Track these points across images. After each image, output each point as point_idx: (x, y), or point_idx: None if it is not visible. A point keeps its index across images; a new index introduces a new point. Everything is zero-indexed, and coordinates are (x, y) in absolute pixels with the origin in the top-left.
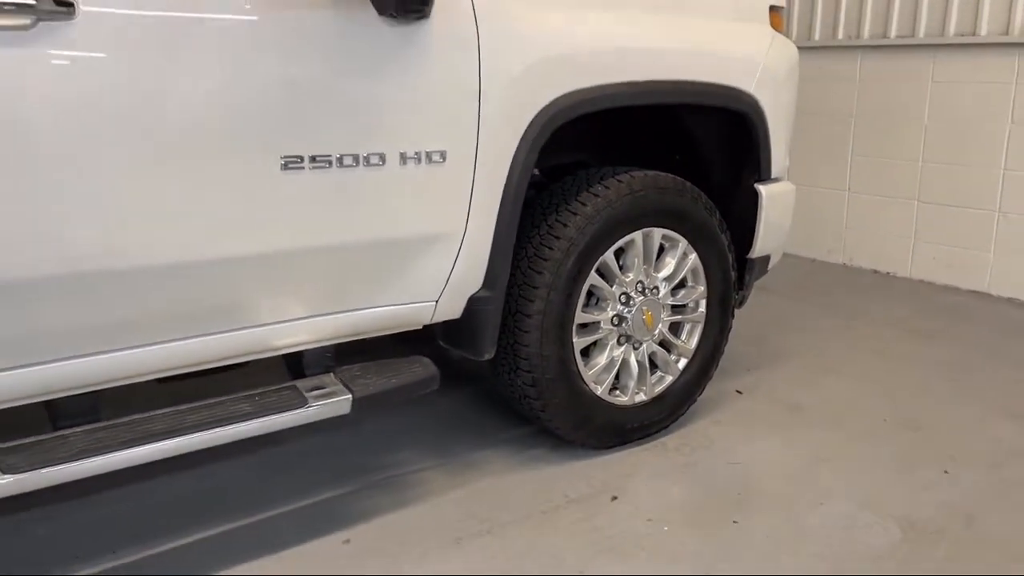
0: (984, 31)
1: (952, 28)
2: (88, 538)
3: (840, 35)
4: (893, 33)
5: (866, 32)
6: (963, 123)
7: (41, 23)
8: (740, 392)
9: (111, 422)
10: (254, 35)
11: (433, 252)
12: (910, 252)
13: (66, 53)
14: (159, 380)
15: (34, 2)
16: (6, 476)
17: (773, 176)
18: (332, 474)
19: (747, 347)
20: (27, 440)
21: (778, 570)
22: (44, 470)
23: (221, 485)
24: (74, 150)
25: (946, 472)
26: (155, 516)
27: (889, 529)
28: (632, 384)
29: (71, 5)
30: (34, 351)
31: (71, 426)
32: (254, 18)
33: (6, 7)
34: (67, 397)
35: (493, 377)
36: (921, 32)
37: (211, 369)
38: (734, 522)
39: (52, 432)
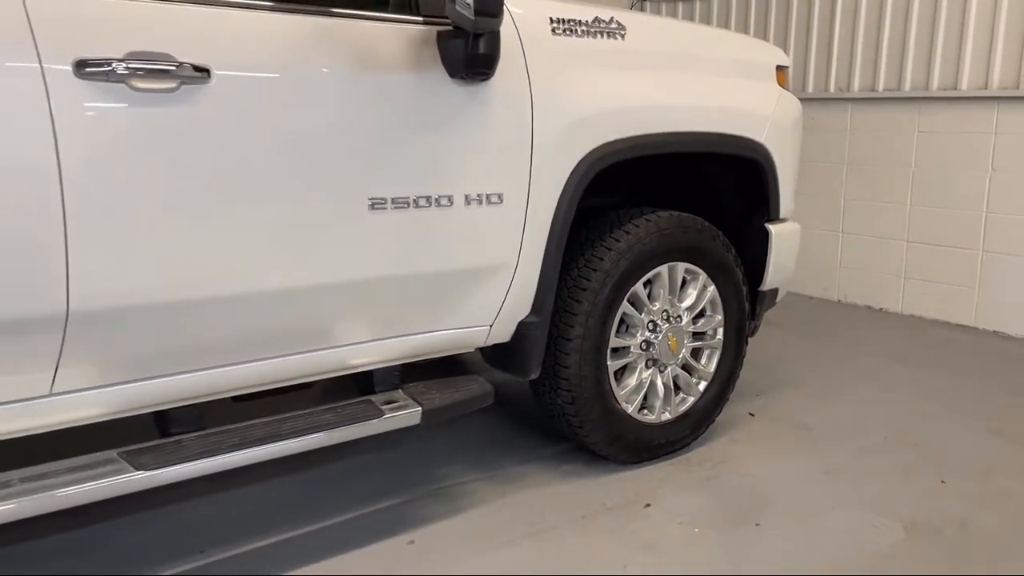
0: (965, 85)
1: (936, 82)
2: (178, 540)
3: (832, 88)
4: (881, 87)
5: (856, 85)
6: (947, 170)
7: (183, 86)
8: (752, 415)
9: (217, 429)
10: (349, 94)
11: (490, 281)
12: (901, 289)
13: (204, 109)
14: (233, 399)
15: (175, 68)
16: (140, 472)
17: (781, 216)
18: (389, 486)
19: (756, 375)
20: (152, 443)
21: (800, 564)
22: (170, 468)
23: (293, 495)
24: (209, 192)
25: (943, 482)
26: (238, 521)
27: (894, 530)
28: (659, 404)
29: (207, 71)
30: (166, 366)
31: (180, 433)
32: (349, 80)
33: (155, 73)
34: (178, 408)
35: (534, 396)
36: (907, 86)
37: (278, 389)
38: (756, 524)
39: (170, 437)
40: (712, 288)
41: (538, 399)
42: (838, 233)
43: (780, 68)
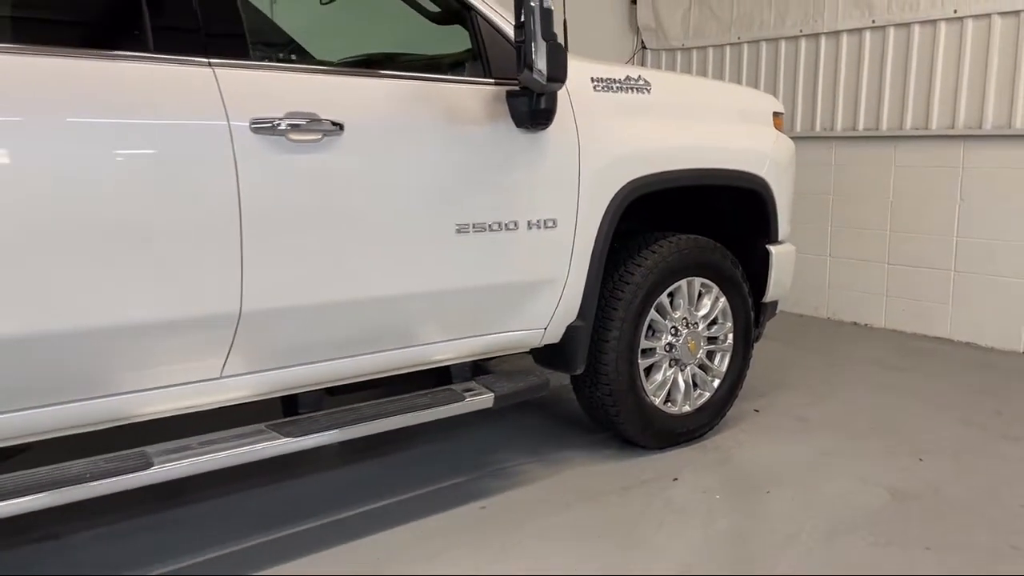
0: (934, 125)
1: (909, 123)
2: (287, 509)
3: (817, 128)
4: (861, 126)
5: (839, 125)
6: (921, 200)
7: (325, 137)
8: (757, 411)
9: (336, 409)
10: (440, 141)
11: (545, 292)
12: (883, 306)
13: (340, 155)
14: (328, 391)
15: (319, 123)
16: (288, 439)
17: (780, 239)
18: (454, 469)
19: (759, 380)
20: (290, 419)
21: (806, 520)
22: (308, 437)
23: (374, 476)
24: (342, 219)
25: (920, 460)
26: (333, 496)
27: (881, 495)
28: (680, 397)
29: (341, 125)
30: (302, 356)
31: (306, 413)
32: (440, 130)
33: (305, 128)
34: (305, 392)
35: (576, 391)
36: (884, 126)
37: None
38: (767, 492)
39: (301, 415)
40: (723, 299)
41: (579, 393)
42: (826, 257)
43: (776, 114)
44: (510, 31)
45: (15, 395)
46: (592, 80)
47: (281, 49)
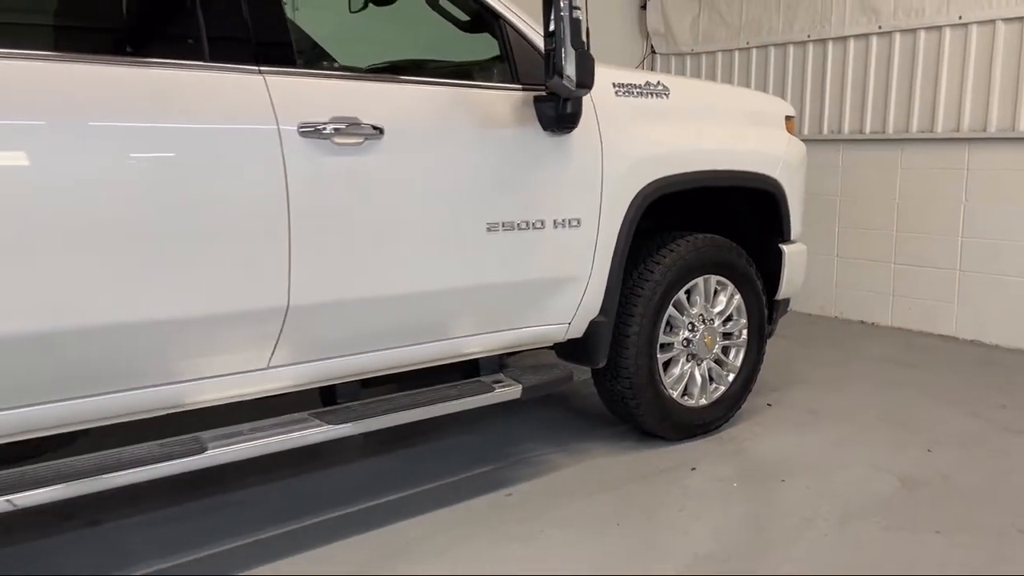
0: (940, 128)
1: (914, 126)
2: (323, 497)
3: (825, 131)
4: (868, 129)
5: (846, 129)
6: (927, 201)
7: (367, 141)
8: (770, 404)
9: (371, 400)
10: (472, 144)
11: (569, 288)
12: (890, 305)
13: (380, 157)
14: (362, 383)
15: (361, 127)
16: (330, 427)
17: (792, 239)
18: (479, 459)
19: (771, 376)
20: (330, 408)
21: (820, 506)
22: (347, 424)
23: (402, 466)
24: (382, 217)
25: (929, 450)
26: (360, 486)
27: (891, 482)
28: (696, 391)
29: (382, 130)
30: (342, 348)
31: (344, 403)
32: (472, 133)
33: (348, 132)
34: (343, 383)
35: (597, 385)
36: (890, 129)
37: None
38: (782, 480)
39: (338, 405)
40: (738, 296)
41: (600, 387)
42: (833, 257)
43: (788, 118)
44: (536, 39)
45: (87, 382)
46: (614, 86)
47: (319, 56)
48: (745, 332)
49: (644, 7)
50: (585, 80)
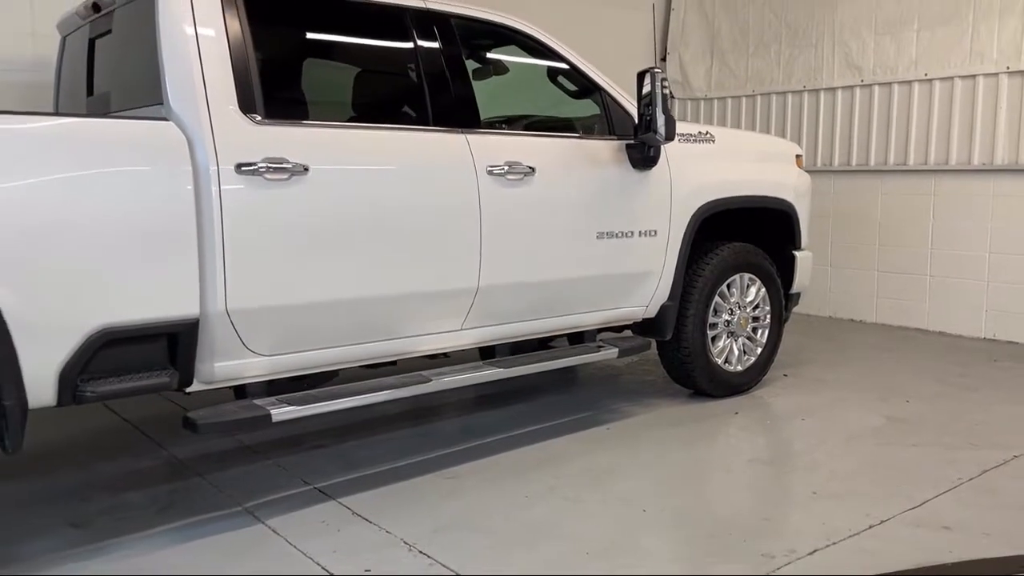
0: (912, 162)
1: (892, 159)
2: (470, 428)
3: (819, 163)
4: (854, 162)
5: (836, 162)
6: (903, 220)
7: (525, 176)
8: (786, 375)
9: (506, 358)
10: (586, 178)
11: (648, 280)
12: (874, 305)
13: (533, 187)
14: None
15: (526, 167)
16: (503, 369)
17: (802, 247)
18: (578, 409)
19: (785, 358)
20: (494, 360)
21: (831, 433)
22: (513, 368)
23: (529, 411)
24: (533, 230)
25: (907, 401)
26: (505, 422)
27: (880, 419)
28: (735, 360)
29: (534, 169)
30: (507, 317)
31: (501, 358)
32: (586, 171)
33: (515, 170)
34: (500, 344)
35: (661, 354)
36: (872, 162)
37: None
38: (802, 420)
39: (499, 359)
40: (763, 289)
41: (664, 356)
42: (827, 267)
43: (798, 156)
44: (625, 103)
45: (363, 333)
46: (679, 135)
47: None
48: (769, 317)
49: (664, 59)
50: (670, 134)
